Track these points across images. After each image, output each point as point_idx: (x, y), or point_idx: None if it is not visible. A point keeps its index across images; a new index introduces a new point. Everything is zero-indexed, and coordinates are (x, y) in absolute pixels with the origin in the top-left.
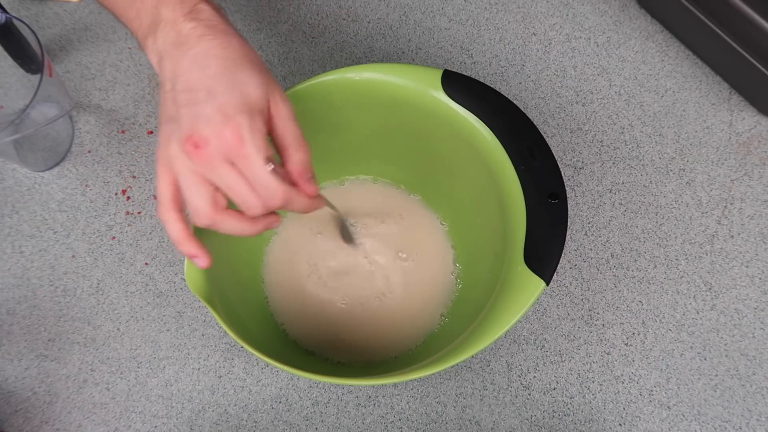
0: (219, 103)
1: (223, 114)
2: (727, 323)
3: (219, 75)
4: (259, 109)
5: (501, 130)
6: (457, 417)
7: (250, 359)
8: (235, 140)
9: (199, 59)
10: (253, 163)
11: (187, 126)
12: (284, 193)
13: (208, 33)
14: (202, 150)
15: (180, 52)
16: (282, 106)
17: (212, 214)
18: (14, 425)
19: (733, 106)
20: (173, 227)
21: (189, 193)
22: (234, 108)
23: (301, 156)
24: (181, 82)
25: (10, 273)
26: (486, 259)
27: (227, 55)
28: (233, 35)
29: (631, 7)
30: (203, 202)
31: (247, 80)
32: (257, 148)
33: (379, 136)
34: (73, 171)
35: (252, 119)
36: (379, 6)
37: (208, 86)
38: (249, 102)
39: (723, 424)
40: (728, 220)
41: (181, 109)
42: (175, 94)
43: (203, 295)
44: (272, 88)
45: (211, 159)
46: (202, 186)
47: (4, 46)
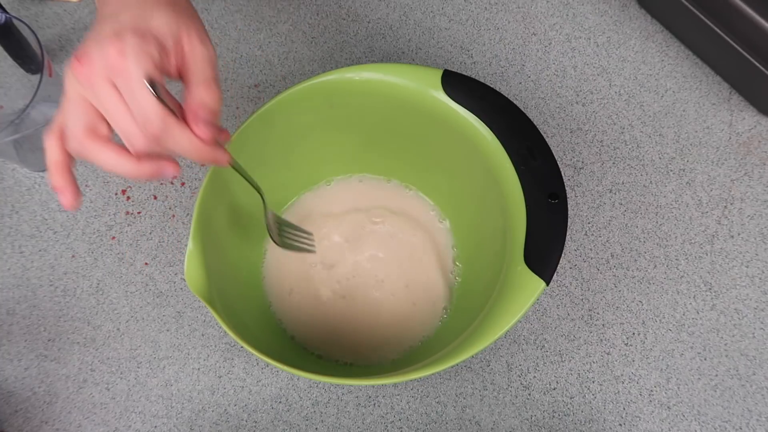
0: (118, 25)
1: (115, 33)
2: (727, 323)
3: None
4: (158, 37)
5: (501, 130)
6: (457, 417)
7: (250, 359)
8: (117, 56)
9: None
10: (132, 79)
11: (81, 46)
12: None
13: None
14: (84, 66)
15: None
16: (198, 47)
17: (83, 139)
18: (14, 425)
19: (733, 106)
20: (51, 152)
21: (67, 116)
22: (128, 30)
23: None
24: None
25: (10, 273)
26: (486, 259)
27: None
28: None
29: (631, 7)
30: (76, 124)
31: (158, 15)
32: (138, 64)
33: (378, 136)
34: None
35: (143, 40)
36: (379, 6)
37: (116, 12)
38: (148, 28)
39: (723, 424)
40: (728, 220)
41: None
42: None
43: (203, 295)
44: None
45: (91, 76)
46: (79, 107)
47: (4, 46)
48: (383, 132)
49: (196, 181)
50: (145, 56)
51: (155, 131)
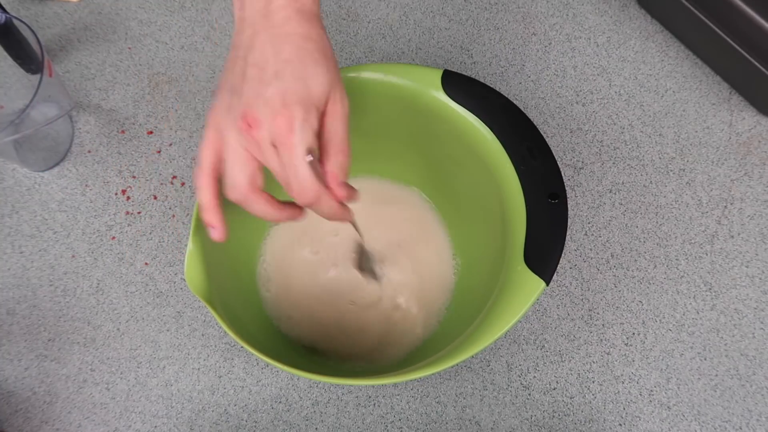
0: (282, 88)
1: (282, 100)
2: (727, 323)
3: (290, 61)
4: (317, 104)
5: (501, 130)
6: (457, 417)
7: (250, 359)
8: (285, 128)
9: (277, 40)
10: (295, 154)
11: (247, 103)
12: (316, 189)
13: (295, 17)
14: (254, 130)
15: (262, 26)
16: (339, 106)
17: (247, 192)
18: (14, 425)
19: (733, 106)
20: (205, 193)
21: (231, 166)
22: (294, 97)
23: (340, 159)
24: (254, 55)
25: (10, 273)
26: (486, 259)
27: (305, 45)
28: (317, 25)
29: (631, 7)
30: (242, 178)
31: (314, 73)
32: (303, 139)
33: (378, 136)
34: (73, 171)
35: (307, 112)
36: (379, 6)
37: (277, 69)
38: (310, 95)
39: (723, 424)
40: (728, 220)
41: (246, 84)
42: (245, 66)
43: (203, 295)
44: (335, 87)
45: (260, 139)
46: (246, 162)
47: (4, 46)
48: (383, 132)
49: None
50: (309, 132)
51: (309, 201)
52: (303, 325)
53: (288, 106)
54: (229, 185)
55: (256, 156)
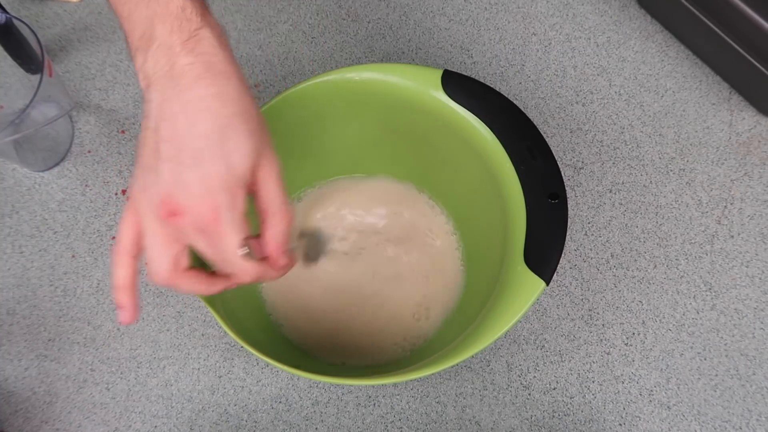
0: (202, 172)
1: (205, 187)
2: (727, 323)
3: (207, 137)
4: (243, 181)
5: (501, 130)
6: (457, 417)
7: (250, 359)
8: (212, 218)
9: (189, 109)
10: (227, 245)
11: (166, 188)
12: (255, 273)
13: (205, 75)
14: (177, 218)
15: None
16: (268, 170)
17: (171, 277)
18: (14, 425)
19: (733, 106)
20: (121, 272)
21: (152, 252)
22: (217, 182)
23: (280, 228)
24: (165, 128)
25: (10, 273)
26: (486, 259)
27: (221, 110)
28: (233, 79)
29: (631, 7)
30: (164, 265)
31: (235, 146)
32: (233, 229)
33: (379, 136)
34: (73, 171)
35: (233, 197)
36: (379, 6)
37: (194, 148)
38: (234, 175)
39: (723, 424)
40: (728, 220)
41: (162, 164)
42: (158, 142)
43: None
44: (261, 151)
45: (184, 227)
46: (167, 247)
47: (4, 46)
48: (383, 132)
49: None
50: (239, 219)
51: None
52: (303, 325)
53: (212, 193)
54: (152, 272)
55: (180, 240)
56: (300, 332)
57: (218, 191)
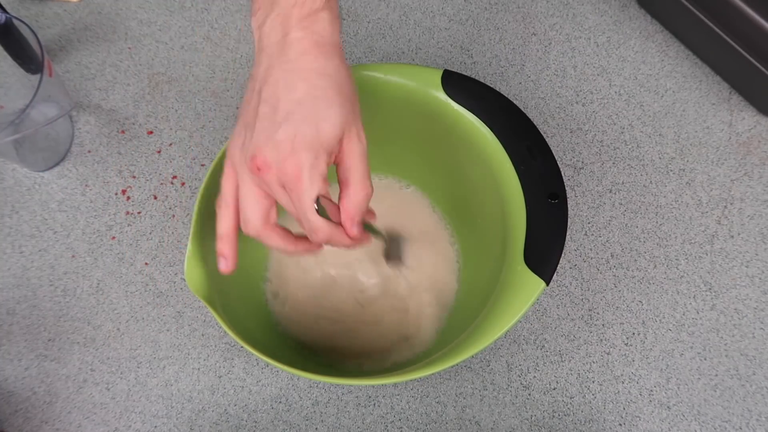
0: (291, 131)
1: (292, 145)
2: (727, 323)
3: (302, 102)
4: (328, 147)
5: (501, 130)
6: (457, 417)
7: (250, 359)
8: (294, 174)
9: (290, 76)
10: (303, 201)
11: (257, 143)
12: (326, 232)
13: (312, 52)
14: (263, 172)
15: (278, 58)
16: (355, 144)
17: (260, 228)
18: (14, 425)
19: (733, 106)
20: (224, 222)
21: (245, 203)
22: (303, 142)
23: (357, 198)
24: (267, 90)
25: (10, 273)
26: (486, 259)
27: (319, 83)
28: (335, 58)
29: (631, 7)
30: (256, 215)
31: (326, 115)
32: (311, 186)
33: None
34: (73, 171)
35: (316, 158)
36: (379, 6)
37: (288, 109)
38: (320, 138)
39: (723, 424)
40: (728, 220)
41: (258, 122)
42: (259, 102)
43: (203, 295)
44: (350, 125)
45: (270, 182)
46: (258, 200)
47: (4, 46)
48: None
49: (196, 181)
50: (318, 177)
51: (321, 239)
52: (303, 326)
53: (297, 151)
54: (244, 221)
55: (267, 193)
56: (300, 332)
57: (303, 150)
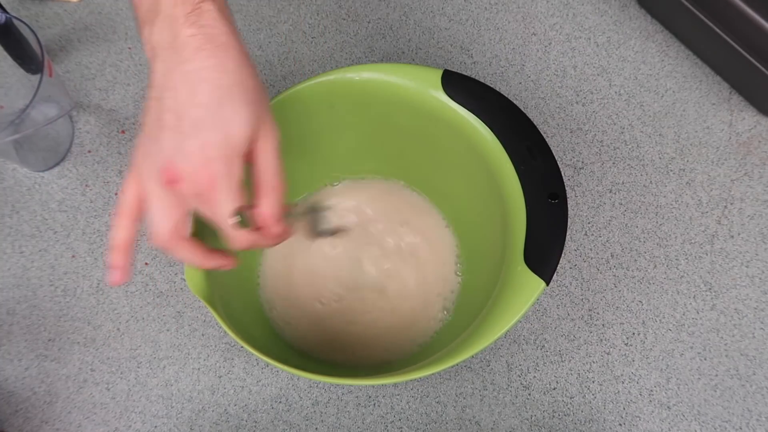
0: (201, 141)
1: (203, 155)
2: (727, 323)
3: (207, 105)
4: (240, 150)
5: (501, 130)
6: (457, 417)
7: (250, 359)
8: (208, 185)
9: (190, 79)
10: (220, 212)
11: (166, 155)
12: (246, 241)
13: (206, 46)
14: (176, 185)
15: (173, 61)
16: (267, 141)
17: (169, 241)
18: (14, 425)
19: (733, 106)
20: (118, 232)
21: (153, 216)
22: (214, 150)
23: (272, 199)
24: (168, 98)
25: (10, 273)
26: (486, 259)
27: (221, 81)
28: (232, 50)
29: (631, 7)
30: (165, 228)
31: (233, 116)
32: (228, 197)
33: (379, 136)
34: (73, 171)
35: (230, 165)
36: (379, 6)
37: (194, 117)
38: (231, 143)
39: (723, 424)
40: (728, 220)
41: (164, 132)
42: (161, 111)
43: (203, 295)
44: (260, 121)
45: (183, 193)
46: (170, 211)
47: (4, 46)
48: (383, 132)
49: None
50: (234, 187)
51: (243, 247)
52: (302, 325)
53: (209, 161)
54: (152, 233)
55: (181, 206)
56: (300, 332)
57: (216, 159)
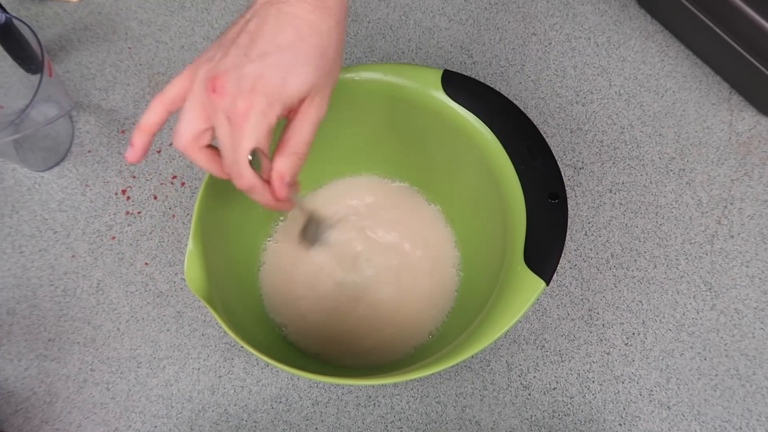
0: (259, 71)
1: (253, 84)
2: (727, 323)
3: (282, 48)
4: (287, 102)
5: (501, 130)
6: (457, 417)
7: (250, 359)
8: (243, 112)
9: (283, 19)
10: (240, 143)
11: (224, 67)
12: (250, 183)
13: (312, 3)
14: (216, 96)
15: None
16: (313, 110)
17: (188, 144)
18: (14, 425)
19: (733, 106)
20: (152, 116)
21: (184, 115)
22: (265, 86)
23: (290, 162)
24: (254, 23)
25: (10, 273)
26: (486, 259)
27: (307, 35)
28: (332, 17)
29: (631, 7)
30: (189, 131)
31: (299, 71)
32: (254, 132)
33: (379, 136)
34: (73, 171)
35: (270, 106)
36: (379, 6)
37: (266, 49)
38: (282, 91)
39: (723, 424)
40: (728, 220)
41: (234, 48)
42: (243, 29)
43: (203, 295)
44: (317, 90)
45: (218, 107)
46: (197, 118)
47: (4, 46)
48: (383, 132)
49: (196, 181)
50: (264, 126)
51: (244, 186)
52: (302, 325)
53: (255, 92)
54: (176, 131)
55: (210, 118)
56: (300, 332)
57: (261, 94)
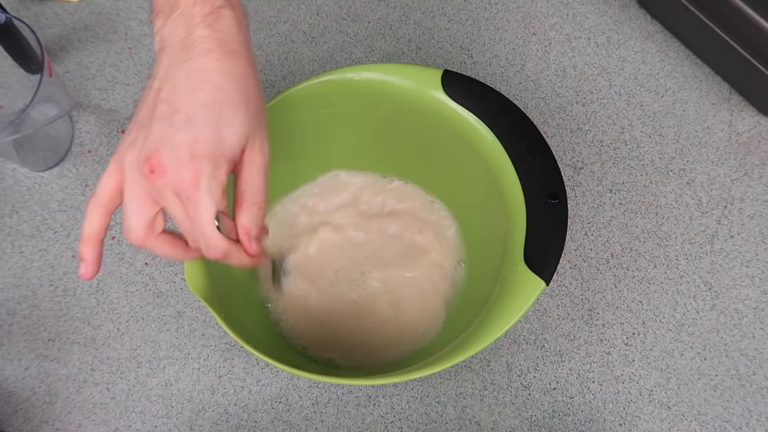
0: (192, 136)
1: (191, 151)
2: (727, 323)
3: (205, 105)
4: (229, 156)
5: (501, 130)
6: (457, 417)
7: (250, 359)
8: (191, 182)
9: (194, 76)
10: (200, 213)
11: (153, 145)
12: (223, 250)
13: (216, 50)
14: (156, 176)
15: (180, 57)
16: (257, 155)
17: (143, 237)
18: (14, 425)
19: (733, 106)
20: (93, 223)
21: (128, 208)
22: (204, 149)
23: (253, 214)
24: (167, 90)
25: (10, 273)
26: (486, 259)
27: (224, 85)
28: (241, 60)
29: (631, 7)
30: (139, 223)
31: (230, 121)
32: (210, 198)
33: (379, 136)
34: (73, 171)
35: (216, 167)
36: (379, 6)
37: (189, 112)
38: (221, 146)
39: (723, 424)
40: (728, 220)
41: (155, 122)
42: (156, 101)
43: (203, 295)
44: (254, 135)
45: (161, 188)
46: (145, 205)
47: (4, 46)
48: (383, 132)
49: None
50: (218, 189)
51: (216, 256)
52: (303, 325)
53: (196, 158)
54: (126, 228)
55: (157, 201)
56: (300, 332)
57: (203, 158)
